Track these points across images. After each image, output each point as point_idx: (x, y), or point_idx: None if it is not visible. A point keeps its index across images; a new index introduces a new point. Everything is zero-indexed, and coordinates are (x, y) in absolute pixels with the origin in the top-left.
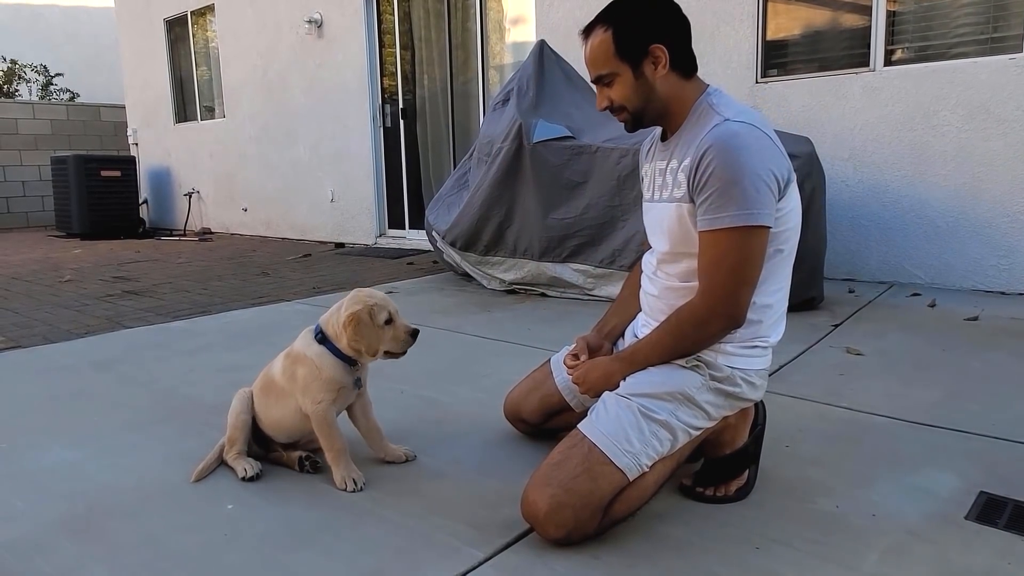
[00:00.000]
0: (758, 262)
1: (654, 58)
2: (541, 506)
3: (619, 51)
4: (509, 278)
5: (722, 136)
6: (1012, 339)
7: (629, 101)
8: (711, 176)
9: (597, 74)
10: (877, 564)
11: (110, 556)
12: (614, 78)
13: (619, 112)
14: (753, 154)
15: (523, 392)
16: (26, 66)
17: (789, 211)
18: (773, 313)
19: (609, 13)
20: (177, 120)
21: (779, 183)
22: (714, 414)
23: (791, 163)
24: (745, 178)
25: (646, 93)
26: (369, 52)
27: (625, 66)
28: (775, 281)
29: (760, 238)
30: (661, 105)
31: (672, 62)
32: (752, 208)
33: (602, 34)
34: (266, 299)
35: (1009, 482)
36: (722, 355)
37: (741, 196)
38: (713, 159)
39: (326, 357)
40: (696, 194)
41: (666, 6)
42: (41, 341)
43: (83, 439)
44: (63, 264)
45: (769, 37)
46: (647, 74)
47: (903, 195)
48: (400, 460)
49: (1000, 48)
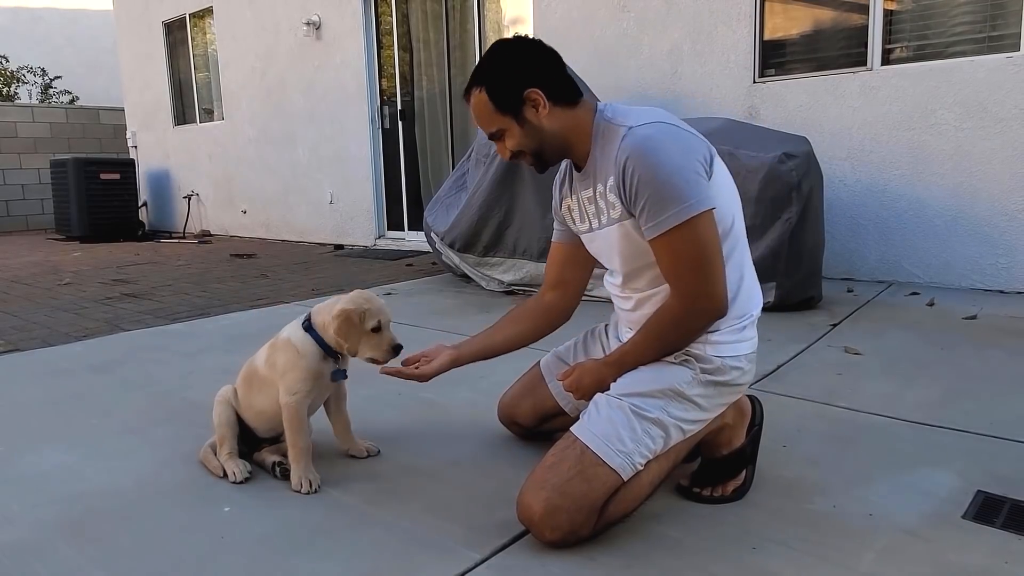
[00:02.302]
0: (716, 246)
1: (532, 102)
2: (536, 509)
3: (498, 107)
4: (508, 279)
5: (634, 144)
6: (1010, 338)
7: (526, 147)
8: (639, 185)
9: (488, 132)
10: (874, 563)
11: (107, 559)
12: (503, 132)
13: (521, 158)
14: (669, 150)
15: (516, 397)
16: (23, 68)
17: (720, 185)
18: (746, 286)
19: (479, 74)
20: (176, 123)
21: (704, 165)
22: (705, 405)
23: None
24: (672, 175)
25: (538, 135)
26: (368, 54)
27: (508, 119)
28: (738, 254)
29: (708, 223)
30: (559, 140)
31: (551, 99)
32: (689, 199)
33: (478, 95)
34: (265, 301)
35: (1007, 481)
36: (710, 346)
37: (674, 193)
38: (634, 169)
39: (309, 345)
40: (632, 207)
41: (528, 48)
42: (40, 344)
43: (81, 442)
44: (62, 267)
45: (767, 37)
46: (531, 119)
47: (901, 194)
48: (362, 455)
49: (997, 47)
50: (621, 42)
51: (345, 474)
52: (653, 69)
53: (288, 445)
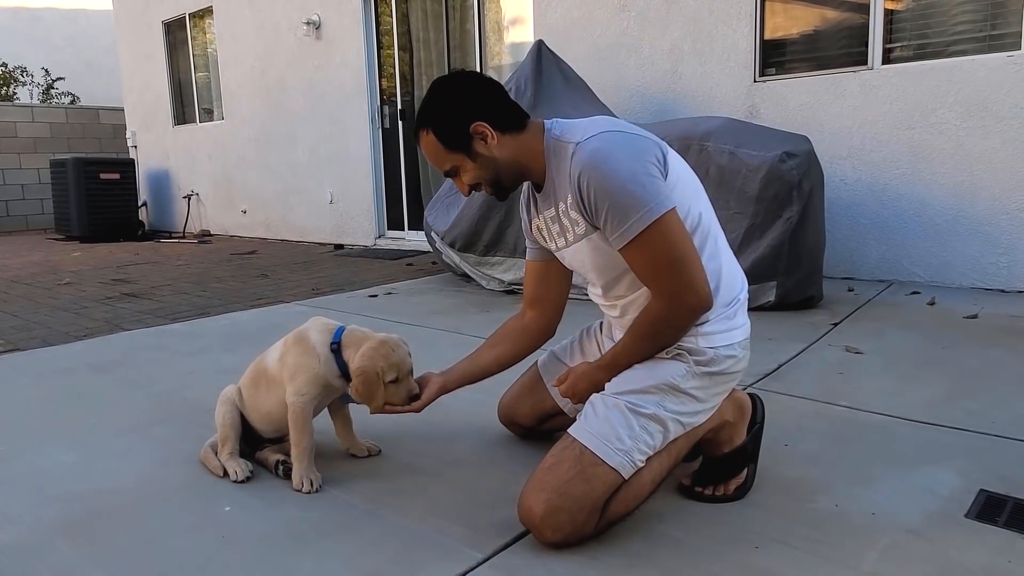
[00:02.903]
0: (686, 243)
1: (480, 135)
2: (537, 511)
3: (446, 146)
4: (508, 278)
5: (585, 159)
6: (1011, 337)
7: (482, 179)
8: (596, 198)
9: (443, 170)
10: (877, 563)
11: (107, 559)
12: (458, 168)
13: (480, 189)
14: (619, 157)
15: (515, 397)
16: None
17: (677, 181)
18: (725, 274)
19: (423, 116)
20: (176, 122)
21: (657, 165)
22: (702, 397)
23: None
24: (627, 183)
25: (492, 166)
26: (367, 53)
27: (459, 155)
28: (710, 244)
29: (673, 222)
30: (513, 166)
31: (498, 128)
32: (648, 203)
33: (426, 137)
34: (265, 301)
35: (1009, 480)
36: (702, 338)
37: (632, 200)
38: (588, 183)
39: (330, 362)
40: (595, 220)
41: (466, 82)
42: (40, 344)
43: (81, 442)
44: (62, 267)
45: (767, 36)
46: (481, 151)
47: (902, 193)
48: (363, 454)
49: (998, 46)
50: (621, 41)
51: (346, 473)
52: (653, 68)
53: (291, 444)
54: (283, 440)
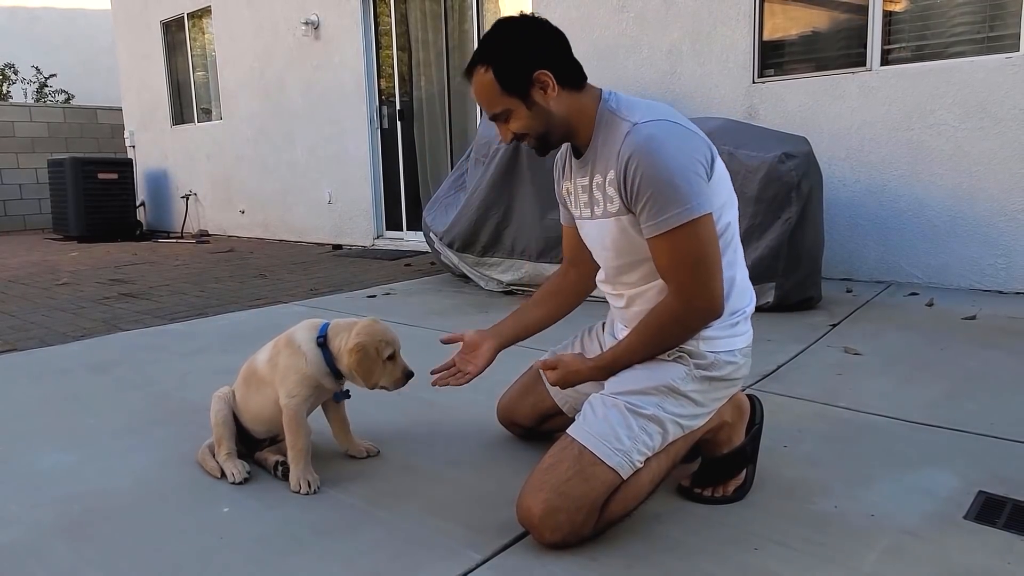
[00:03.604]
0: (714, 249)
1: (541, 84)
2: (535, 511)
3: (505, 88)
4: (507, 279)
5: (639, 142)
6: (1010, 338)
7: (531, 129)
8: (641, 184)
9: (492, 113)
10: (876, 564)
11: (105, 559)
12: (509, 113)
13: (524, 139)
14: (674, 149)
15: (515, 397)
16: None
17: (719, 184)
18: (739, 284)
19: (485, 51)
20: (174, 122)
21: (705, 166)
22: (701, 401)
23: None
24: (675, 176)
25: (544, 118)
26: (366, 54)
27: (515, 100)
28: (730, 254)
29: (708, 226)
30: (564, 125)
31: (560, 82)
32: (691, 201)
33: (483, 75)
34: (263, 301)
35: (1008, 481)
36: (704, 342)
37: (677, 194)
38: (638, 167)
39: (318, 359)
40: (632, 204)
41: (538, 28)
42: (37, 344)
43: (79, 442)
44: (60, 267)
45: (766, 37)
46: (539, 101)
47: (900, 194)
48: (362, 455)
49: (997, 47)
50: (620, 42)
51: (344, 474)
52: (652, 69)
53: (287, 446)
54: (277, 440)
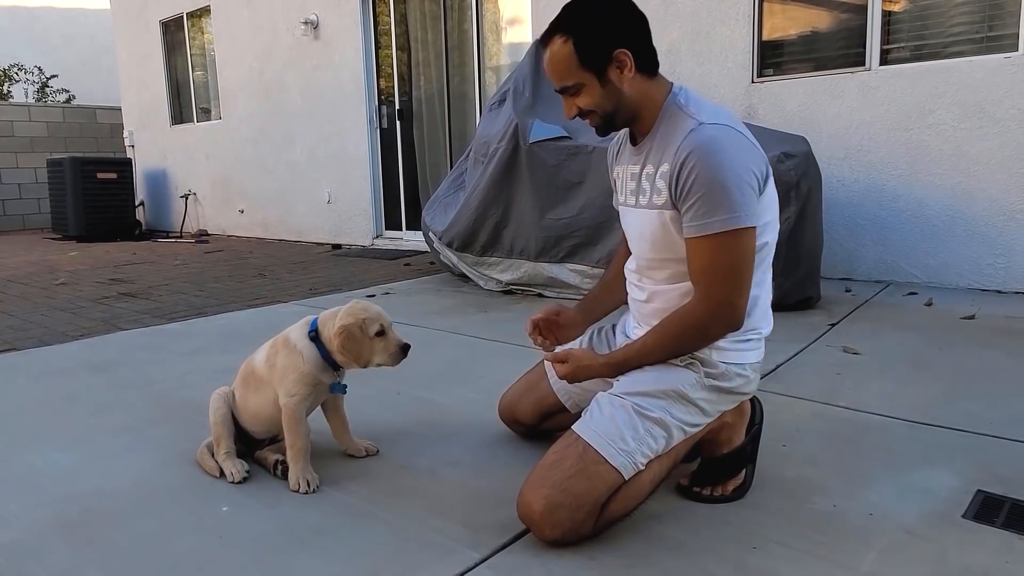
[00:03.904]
0: (751, 262)
1: (619, 63)
2: (536, 507)
3: (582, 61)
4: (506, 279)
5: (700, 141)
6: (1008, 338)
7: (599, 107)
8: (694, 183)
9: (562, 85)
10: (875, 563)
11: (104, 559)
12: (580, 88)
13: (589, 117)
14: (733, 157)
15: (518, 394)
16: (15, 66)
17: (768, 203)
18: (761, 305)
19: (566, 21)
20: (173, 122)
21: (759, 181)
22: (709, 410)
23: (767, 158)
24: (729, 182)
25: (615, 98)
26: (365, 53)
27: (590, 75)
28: (759, 273)
29: (749, 239)
30: (631, 108)
31: (637, 64)
32: (739, 211)
33: (561, 45)
34: (262, 301)
35: (1006, 481)
36: (716, 351)
37: (727, 200)
38: (695, 166)
39: (313, 354)
40: (680, 202)
41: (624, 6)
42: (36, 344)
43: (78, 442)
44: (59, 266)
45: (765, 37)
46: (613, 79)
47: (899, 194)
48: (360, 454)
49: (995, 47)
50: None
51: (344, 474)
52: None
53: (286, 445)
54: (276, 440)
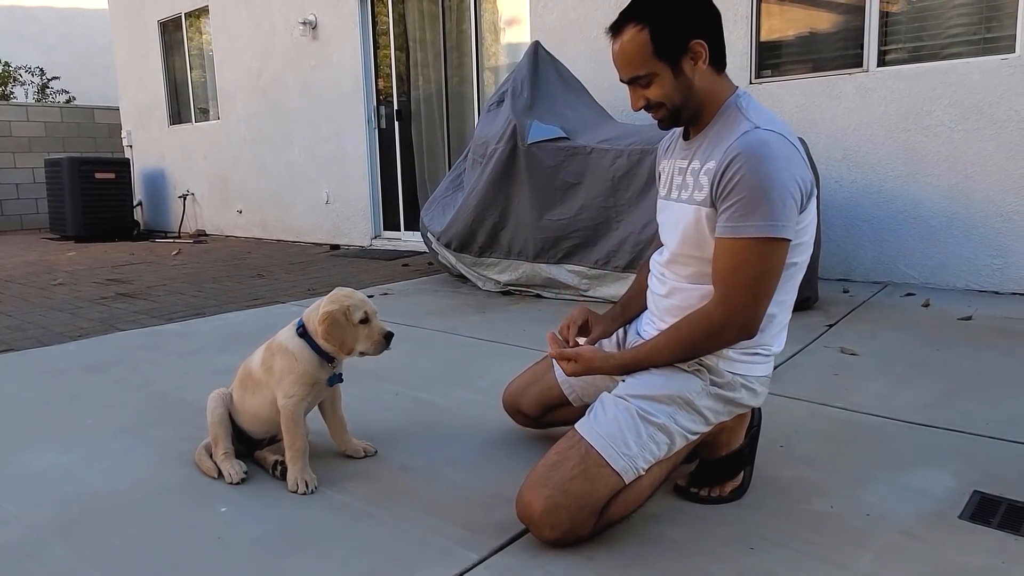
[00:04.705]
0: (777, 275)
1: (694, 54)
2: (536, 507)
3: (657, 51)
4: (504, 279)
5: (751, 144)
6: (1005, 338)
7: (669, 99)
8: (738, 184)
9: (633, 75)
10: (872, 564)
11: (103, 560)
12: (652, 78)
13: (656, 109)
14: (781, 165)
15: (523, 384)
16: (20, 68)
17: (807, 224)
18: (776, 324)
19: (641, 10)
20: (171, 122)
21: (803, 195)
22: (712, 419)
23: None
24: (773, 189)
25: (686, 90)
26: (364, 54)
27: (664, 65)
28: (782, 292)
29: (781, 251)
30: (699, 101)
31: (710, 57)
32: (776, 220)
33: (636, 33)
34: (261, 301)
35: (1003, 481)
36: (724, 360)
37: (767, 207)
38: (741, 167)
39: (305, 351)
40: (719, 200)
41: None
42: (34, 344)
43: (76, 442)
44: (57, 267)
45: (763, 38)
46: (687, 71)
47: (896, 195)
48: (359, 455)
49: (993, 49)
50: None
51: (342, 474)
52: None
53: (285, 446)
54: (275, 440)
